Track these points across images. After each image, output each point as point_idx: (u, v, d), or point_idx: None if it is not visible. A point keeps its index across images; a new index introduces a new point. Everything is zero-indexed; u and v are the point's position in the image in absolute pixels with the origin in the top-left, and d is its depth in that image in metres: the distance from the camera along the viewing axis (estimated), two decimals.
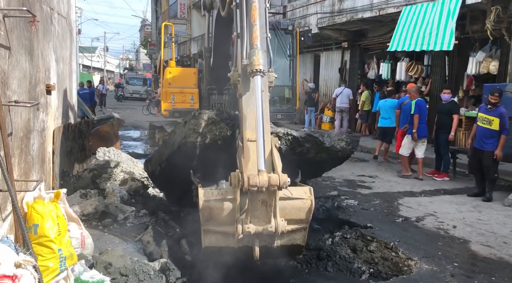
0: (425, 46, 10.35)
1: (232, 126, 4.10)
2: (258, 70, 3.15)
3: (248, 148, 3.40)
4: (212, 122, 4.10)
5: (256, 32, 3.39)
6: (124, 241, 4.28)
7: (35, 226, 2.94)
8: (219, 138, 4.12)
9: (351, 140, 4.86)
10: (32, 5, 3.48)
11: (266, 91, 3.63)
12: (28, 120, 3.40)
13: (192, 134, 4.08)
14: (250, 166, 3.29)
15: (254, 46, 3.30)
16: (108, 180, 5.52)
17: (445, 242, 4.77)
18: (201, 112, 4.20)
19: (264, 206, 3.35)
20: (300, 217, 3.60)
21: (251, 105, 3.51)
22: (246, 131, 3.50)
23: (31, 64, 3.45)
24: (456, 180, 8.24)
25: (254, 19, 3.43)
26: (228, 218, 3.43)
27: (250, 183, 3.03)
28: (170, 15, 33.38)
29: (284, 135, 4.34)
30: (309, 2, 15.46)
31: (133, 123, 18.10)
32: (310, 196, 3.61)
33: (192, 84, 9.17)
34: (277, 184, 3.07)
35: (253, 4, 3.50)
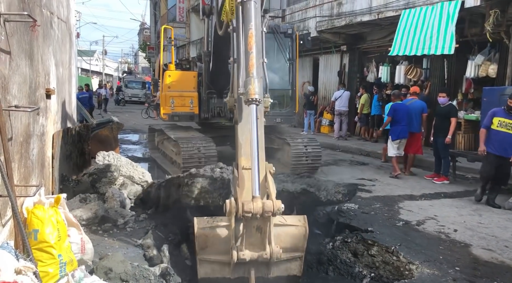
0: (426, 50, 10.38)
1: (225, 195, 4.20)
2: (253, 100, 3.17)
3: (243, 175, 3.45)
4: (205, 191, 4.24)
5: (253, 60, 3.37)
6: (124, 246, 4.25)
7: (35, 232, 2.92)
8: (211, 206, 4.26)
9: (348, 192, 5.04)
10: (32, 9, 3.48)
11: (261, 118, 3.67)
12: (28, 125, 3.38)
13: (186, 198, 4.26)
14: (245, 193, 3.34)
15: (250, 74, 3.29)
16: (107, 184, 5.50)
17: (446, 246, 4.75)
18: (194, 180, 4.27)
19: (259, 232, 3.36)
20: (294, 244, 3.62)
21: (246, 133, 3.55)
22: (241, 159, 3.56)
23: (31, 69, 3.43)
24: (456, 183, 8.23)
25: (250, 47, 3.40)
26: (224, 245, 3.45)
27: (245, 209, 3.05)
28: (169, 18, 33.43)
29: (279, 192, 4.37)
30: (308, 6, 15.50)
31: (132, 127, 18.09)
32: (304, 223, 3.64)
33: (192, 88, 9.13)
34: (271, 210, 3.08)
35: (250, 31, 3.46)
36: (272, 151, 8.75)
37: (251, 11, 3.54)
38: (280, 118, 8.82)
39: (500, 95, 7.29)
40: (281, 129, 9.47)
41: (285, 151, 8.58)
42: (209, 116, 8.99)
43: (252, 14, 3.53)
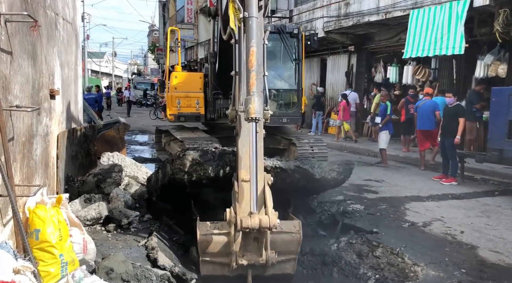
0: (437, 51, 10.33)
1: (216, 167, 4.39)
2: (253, 119, 3.29)
3: (243, 187, 3.70)
4: (196, 163, 4.39)
5: (253, 78, 3.43)
6: (127, 246, 4.26)
7: (37, 231, 2.94)
8: (203, 178, 4.42)
9: (343, 170, 5.00)
10: (35, 10, 3.50)
11: (261, 131, 3.83)
12: (31, 125, 3.40)
13: (179, 172, 4.40)
14: (244, 205, 3.60)
15: (251, 92, 3.37)
16: (112, 184, 5.52)
17: (452, 248, 4.69)
18: (185, 153, 4.45)
19: (256, 241, 3.69)
20: (289, 249, 3.92)
21: (246, 146, 3.77)
22: (241, 171, 3.79)
23: (34, 69, 3.45)
24: (464, 184, 8.13)
25: (251, 65, 3.45)
26: (223, 249, 3.76)
27: (243, 225, 3.36)
28: (177, 20, 33.55)
29: (272, 168, 4.56)
30: (315, 6, 15.45)
31: (140, 127, 18.19)
32: (299, 230, 3.93)
33: (198, 89, 9.13)
34: (267, 226, 3.38)
35: (251, 49, 3.48)
36: (278, 152, 8.73)
37: (253, 28, 3.57)
38: (286, 119, 8.78)
39: (509, 96, 7.17)
40: (288, 130, 9.43)
41: (291, 151, 8.55)
42: (215, 117, 8.97)
43: (254, 30, 3.57)
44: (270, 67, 8.65)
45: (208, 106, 8.99)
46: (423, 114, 9.49)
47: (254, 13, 3.62)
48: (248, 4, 3.66)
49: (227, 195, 4.44)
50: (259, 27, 3.76)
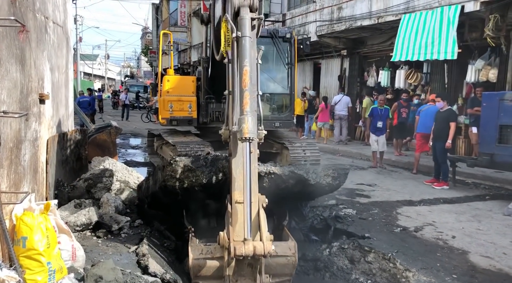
0: (428, 55, 10.38)
1: (208, 173, 4.27)
2: (247, 139, 3.23)
3: (236, 210, 3.53)
4: (188, 169, 4.25)
5: (247, 98, 3.39)
6: (118, 253, 4.21)
7: (24, 239, 2.89)
8: (196, 184, 4.29)
9: (338, 175, 4.90)
10: (24, 14, 3.45)
11: (255, 151, 3.70)
12: (19, 131, 3.35)
13: (170, 179, 4.27)
14: (237, 228, 3.44)
15: (244, 112, 3.32)
16: (103, 189, 5.46)
17: (443, 253, 4.69)
18: (176, 159, 4.31)
19: (250, 267, 3.55)
20: (284, 272, 3.81)
21: (240, 167, 3.63)
22: (235, 193, 3.62)
23: (22, 74, 3.41)
24: (456, 188, 8.17)
25: (245, 84, 3.41)
26: (216, 274, 3.64)
27: (237, 253, 3.22)
28: (170, 23, 33.51)
29: (266, 174, 4.45)
30: (308, 10, 15.50)
31: (133, 131, 18.10)
32: (294, 253, 3.79)
33: (191, 93, 9.10)
34: (262, 254, 3.24)
35: (244, 68, 3.46)
36: (270, 155, 8.72)
37: (246, 47, 3.55)
38: (279, 123, 8.79)
39: (499, 101, 7.22)
40: (280, 134, 9.43)
41: (284, 155, 8.54)
42: (208, 121, 8.95)
43: (247, 50, 3.55)
44: (263, 71, 8.65)
45: (200, 110, 8.97)
46: (426, 118, 9.39)
47: (248, 32, 3.61)
48: (241, 24, 3.66)
49: (219, 203, 4.37)
50: (252, 46, 3.72)
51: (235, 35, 3.64)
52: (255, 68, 3.77)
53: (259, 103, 3.78)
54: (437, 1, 10.33)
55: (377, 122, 10.40)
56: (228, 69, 4.15)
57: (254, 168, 3.61)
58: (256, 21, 3.91)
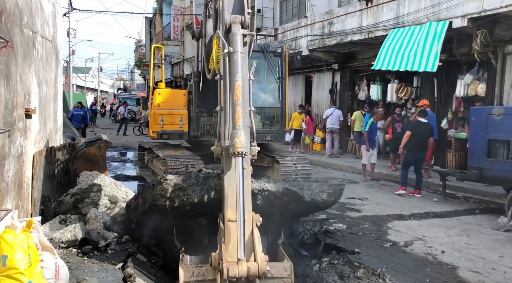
0: (409, 67, 10.45)
1: (200, 192, 4.17)
2: (239, 153, 3.15)
3: (229, 229, 3.37)
4: (179, 188, 4.17)
5: (239, 112, 3.35)
6: (103, 270, 4.14)
7: (4, 258, 2.83)
8: (187, 204, 4.19)
9: (334, 191, 4.86)
10: (10, 29, 3.45)
11: (248, 167, 3.61)
12: (3, 146, 3.32)
13: (160, 198, 4.17)
14: (230, 248, 3.28)
15: (236, 126, 3.27)
16: (90, 204, 5.40)
17: (433, 268, 4.68)
18: (167, 178, 4.23)
19: None
20: None
21: (233, 184, 3.51)
22: (228, 211, 3.47)
23: (7, 89, 3.39)
24: (446, 202, 8.19)
25: (237, 99, 3.38)
26: None
27: (230, 274, 3.05)
28: (163, 36, 33.71)
29: (260, 192, 4.38)
30: (299, 25, 15.66)
31: (124, 144, 18.01)
32: (290, 275, 3.65)
33: (182, 106, 9.12)
34: (256, 275, 3.09)
35: (236, 83, 3.44)
36: (262, 169, 8.70)
37: (238, 62, 3.55)
38: (270, 136, 8.80)
39: (487, 115, 7.29)
40: (271, 147, 9.44)
41: (275, 168, 8.54)
42: (199, 135, 8.95)
43: (239, 65, 3.54)
44: (254, 85, 8.69)
45: (191, 123, 8.97)
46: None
47: (239, 48, 3.61)
48: (233, 40, 3.66)
49: (211, 221, 4.23)
50: (244, 62, 3.69)
51: (226, 50, 3.61)
52: (247, 84, 3.72)
53: (251, 119, 3.70)
54: (425, 17, 10.48)
55: (375, 137, 10.65)
56: (220, 85, 4.10)
57: (247, 185, 3.50)
58: (247, 38, 3.92)
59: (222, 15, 3.99)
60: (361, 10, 12.47)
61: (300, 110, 15.18)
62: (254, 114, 3.85)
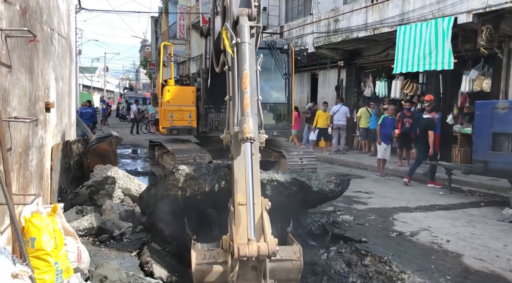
0: (427, 66, 10.61)
1: (211, 181, 4.30)
2: (248, 138, 3.27)
3: (239, 212, 3.48)
4: (191, 178, 4.29)
5: (247, 99, 3.48)
6: (120, 256, 4.32)
7: (32, 240, 3.01)
8: (198, 193, 4.31)
9: (341, 181, 4.95)
10: (33, 25, 3.62)
11: (256, 154, 3.73)
12: (27, 137, 3.49)
13: (173, 188, 4.30)
14: (241, 231, 3.38)
15: (245, 113, 3.40)
16: (105, 196, 5.58)
17: (438, 256, 4.81)
18: (179, 168, 4.35)
19: (254, 270, 3.45)
20: (289, 277, 3.75)
21: (242, 169, 3.61)
22: (237, 195, 3.59)
23: (31, 82, 3.56)
24: (452, 195, 8.30)
25: (245, 87, 3.51)
26: (220, 279, 3.56)
27: (240, 253, 3.13)
28: (169, 35, 33.87)
29: (269, 182, 4.48)
30: (305, 22, 15.78)
31: (132, 141, 18.24)
32: (300, 257, 3.76)
33: (190, 103, 9.30)
34: (266, 254, 3.18)
35: (244, 72, 3.57)
36: (269, 164, 8.85)
37: (246, 52, 3.68)
38: (277, 132, 8.95)
39: (492, 109, 7.40)
40: (278, 143, 9.58)
41: (282, 163, 8.68)
42: (208, 130, 9.12)
43: (247, 55, 3.67)
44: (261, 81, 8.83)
45: (200, 119, 9.15)
46: None
47: (247, 39, 3.75)
48: (241, 31, 3.80)
49: (222, 211, 4.36)
50: (252, 53, 3.82)
51: (234, 41, 3.76)
52: (254, 73, 3.87)
53: (259, 108, 3.85)
54: (431, 13, 10.57)
55: (389, 131, 10.82)
56: (228, 76, 4.24)
57: (256, 170, 3.61)
58: (254, 30, 4.05)
59: (230, 8, 4.12)
60: (367, 7, 12.57)
61: (325, 108, 14.85)
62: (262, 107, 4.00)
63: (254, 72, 3.86)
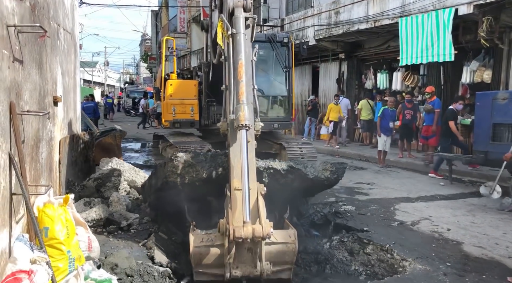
0: (429, 58, 10.68)
1: (208, 168, 4.42)
2: (243, 125, 3.38)
3: (236, 196, 3.63)
4: (189, 165, 4.41)
5: (242, 88, 3.59)
6: (128, 246, 4.43)
7: (46, 229, 3.12)
8: (196, 180, 4.43)
9: (336, 169, 5.05)
10: (41, 21, 3.70)
11: (252, 141, 3.84)
12: (38, 130, 3.59)
13: (172, 175, 4.42)
14: (237, 215, 3.52)
15: (240, 101, 3.51)
16: (111, 188, 5.69)
17: (439, 244, 4.91)
18: (177, 155, 4.48)
19: (250, 252, 3.62)
20: (285, 259, 3.86)
21: (238, 155, 3.73)
22: (233, 180, 3.72)
23: (40, 77, 3.65)
24: (452, 186, 8.40)
25: (240, 76, 3.63)
26: (217, 261, 3.71)
27: (236, 235, 3.29)
28: (170, 29, 33.87)
29: (265, 169, 4.59)
30: (306, 15, 15.79)
31: (135, 135, 18.34)
32: (294, 240, 3.86)
33: (193, 96, 9.41)
34: (260, 236, 3.33)
35: (239, 61, 3.69)
36: (270, 156, 8.95)
37: (241, 43, 3.80)
38: (278, 124, 9.04)
39: (492, 100, 7.47)
40: (279, 135, 9.69)
41: (282, 155, 8.79)
42: (209, 123, 9.23)
43: (242, 45, 3.79)
44: (262, 74, 8.93)
45: (202, 112, 9.25)
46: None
47: (242, 29, 3.86)
48: (236, 22, 3.91)
49: (220, 198, 4.47)
50: (247, 43, 3.94)
51: (230, 32, 3.86)
52: (250, 63, 3.98)
53: (255, 97, 3.96)
54: (431, 5, 10.60)
55: (389, 123, 10.85)
56: (225, 66, 4.34)
57: (252, 157, 3.76)
58: (250, 21, 4.15)
59: (225, 0, 4.21)
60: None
61: (336, 100, 14.38)
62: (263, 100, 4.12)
63: (249, 62, 3.98)
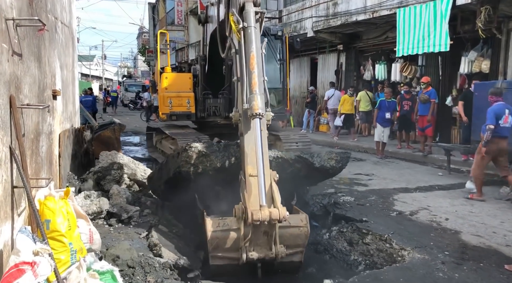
0: (425, 49, 10.70)
1: (221, 158, 4.55)
2: (257, 114, 3.52)
3: (250, 182, 3.78)
4: (203, 155, 4.52)
5: (255, 79, 3.73)
6: (129, 238, 4.45)
7: (47, 222, 3.13)
8: (210, 169, 4.55)
9: (341, 158, 5.26)
10: (39, 15, 3.69)
11: (264, 130, 3.97)
12: (38, 123, 3.60)
13: (185, 165, 4.53)
14: (252, 199, 3.67)
15: (253, 91, 3.64)
16: (112, 181, 5.70)
17: (437, 233, 4.96)
18: (191, 145, 4.58)
19: (266, 235, 3.80)
20: (297, 242, 4.08)
21: (251, 143, 3.88)
22: (248, 167, 3.89)
23: (39, 70, 3.66)
24: (451, 176, 8.44)
25: (252, 67, 3.77)
26: (234, 245, 3.87)
27: (254, 218, 3.43)
28: (167, 22, 33.66)
29: (274, 159, 4.74)
30: (304, 6, 15.73)
31: (133, 129, 18.34)
32: (306, 224, 4.10)
33: (188, 89, 9.43)
34: (277, 218, 3.48)
35: (251, 53, 3.85)
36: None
37: (252, 35, 3.96)
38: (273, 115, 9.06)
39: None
40: (277, 127, 9.70)
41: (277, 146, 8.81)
42: (205, 115, 9.25)
43: (253, 38, 3.94)
44: None
45: (198, 105, 9.28)
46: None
47: (253, 23, 4.01)
48: (247, 16, 4.06)
49: (231, 187, 4.59)
50: (257, 35, 4.07)
51: (241, 26, 3.99)
52: (260, 56, 4.09)
53: (265, 88, 4.07)
54: None
55: (385, 114, 10.87)
56: (236, 59, 4.47)
57: (265, 145, 3.88)
58: (259, 15, 4.29)
59: None
60: None
61: (350, 92, 14.07)
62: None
63: (260, 54, 4.09)
